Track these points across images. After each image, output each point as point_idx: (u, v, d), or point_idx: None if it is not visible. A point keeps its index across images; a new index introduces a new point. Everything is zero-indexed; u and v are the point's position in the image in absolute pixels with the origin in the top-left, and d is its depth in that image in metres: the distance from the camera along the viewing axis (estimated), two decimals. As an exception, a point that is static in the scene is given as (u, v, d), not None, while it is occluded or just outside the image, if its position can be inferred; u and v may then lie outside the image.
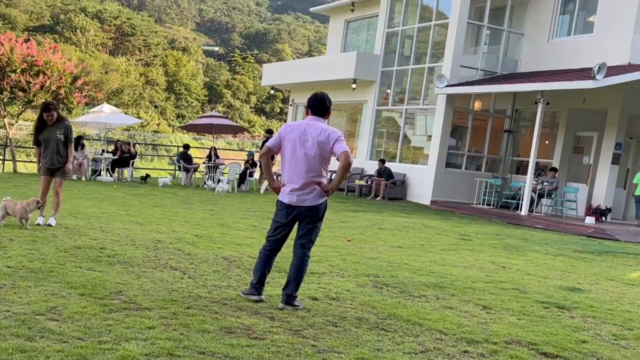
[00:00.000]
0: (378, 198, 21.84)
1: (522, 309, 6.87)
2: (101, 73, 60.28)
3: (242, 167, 22.33)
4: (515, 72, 22.02)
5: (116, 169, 22.83)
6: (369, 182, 22.80)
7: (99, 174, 21.78)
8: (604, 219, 18.54)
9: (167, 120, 69.69)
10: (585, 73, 17.03)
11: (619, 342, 5.90)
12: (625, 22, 18.82)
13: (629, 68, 17.67)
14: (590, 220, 17.81)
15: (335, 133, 6.09)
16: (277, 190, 6.28)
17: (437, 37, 22.74)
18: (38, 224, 9.71)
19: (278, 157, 10.64)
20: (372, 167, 23.65)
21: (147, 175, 23.03)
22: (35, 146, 10.31)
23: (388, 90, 24.82)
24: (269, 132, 23.42)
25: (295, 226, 6.28)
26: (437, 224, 15.75)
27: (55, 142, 9.89)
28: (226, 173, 22.17)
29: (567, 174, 20.86)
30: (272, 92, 34.94)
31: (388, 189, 21.91)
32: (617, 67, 17.76)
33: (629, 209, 19.91)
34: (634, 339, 6.02)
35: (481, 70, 21.98)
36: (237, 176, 21.66)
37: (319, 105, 6.31)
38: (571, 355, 5.31)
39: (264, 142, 22.14)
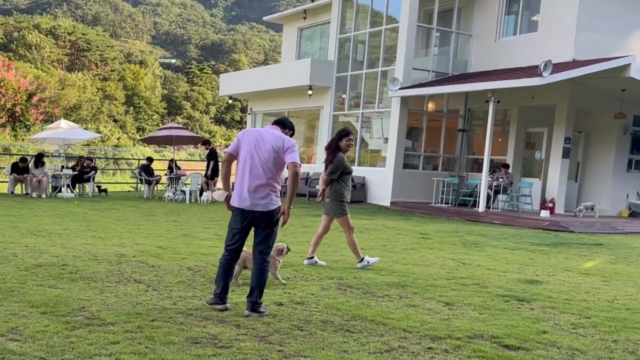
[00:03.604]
0: (339, 201, 21.81)
1: (483, 304, 6.92)
2: (58, 89, 59.26)
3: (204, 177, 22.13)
4: (465, 73, 22.28)
5: (77, 185, 22.43)
6: (329, 186, 22.75)
7: (60, 191, 21.35)
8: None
9: (127, 133, 68.79)
10: (532, 71, 17.30)
11: (577, 330, 5.97)
12: (567, 20, 19.20)
13: (574, 64, 18.01)
14: (545, 213, 18.09)
15: (290, 142, 6.09)
16: (228, 200, 6.24)
17: (388, 41, 22.89)
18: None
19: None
20: (332, 172, 23.61)
21: (105, 190, 22.91)
22: None
23: (343, 95, 24.88)
24: (207, 143, 23.20)
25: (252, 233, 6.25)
26: (397, 224, 15.82)
27: None
28: (188, 184, 21.95)
29: (521, 169, 21.17)
30: (230, 101, 34.77)
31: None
32: (562, 64, 18.09)
33: (581, 201, 20.25)
34: (592, 327, 6.10)
35: (433, 71, 22.18)
36: (199, 186, 21.47)
37: (280, 120, 6.42)
38: (532, 346, 5.35)
39: (208, 155, 21.95)
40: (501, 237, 13.82)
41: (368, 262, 8.98)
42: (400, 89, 20.71)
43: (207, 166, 21.53)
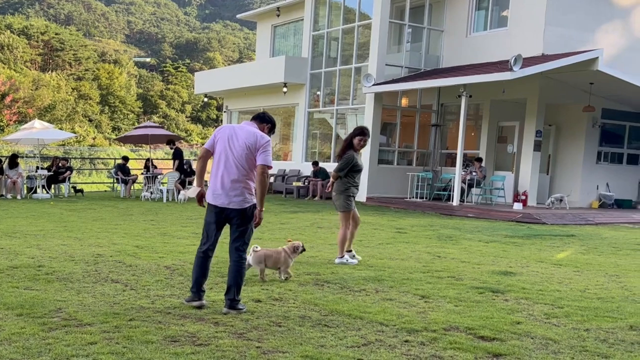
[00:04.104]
0: (316, 198, 21.87)
1: (459, 296, 6.96)
2: (31, 89, 58.51)
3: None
4: (438, 68, 22.40)
5: (52, 185, 22.17)
6: (305, 184, 22.80)
7: (35, 192, 21.08)
8: None
9: (103, 133, 68.16)
10: (503, 65, 17.44)
11: (550, 320, 6.04)
12: (536, 15, 19.38)
13: (543, 59, 18.19)
14: (518, 206, 18.25)
15: (263, 139, 6.00)
16: (200, 197, 6.22)
17: (361, 38, 22.93)
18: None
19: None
20: (308, 169, 23.66)
21: (81, 190, 22.71)
22: None
23: (318, 92, 24.89)
24: (171, 142, 23.07)
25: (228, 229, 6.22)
26: (373, 219, 15.85)
27: None
28: (165, 183, 21.80)
29: (494, 163, 21.34)
30: (206, 100, 34.53)
31: (325, 189, 21.96)
32: (532, 58, 18.26)
33: (553, 193, 20.46)
34: (564, 317, 6.17)
35: (406, 67, 22.27)
36: (177, 185, 21.31)
37: (258, 114, 6.34)
38: (507, 336, 5.40)
39: (173, 154, 21.87)
40: (475, 230, 13.92)
41: (347, 261, 9.00)
42: (373, 85, 20.75)
43: (173, 165, 21.53)
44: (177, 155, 21.68)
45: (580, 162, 20.79)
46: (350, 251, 9.23)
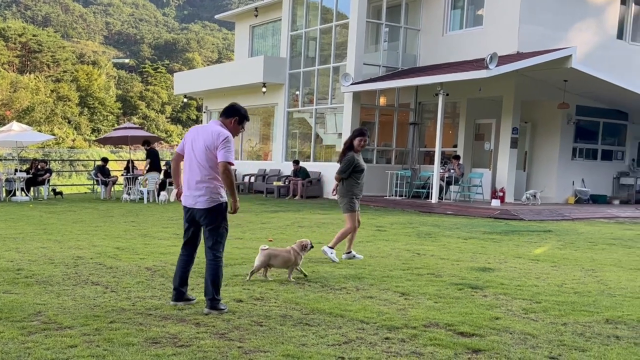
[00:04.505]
0: (296, 197, 21.85)
1: (438, 292, 6.98)
2: (9, 92, 57.79)
3: (162, 177, 21.84)
4: (415, 67, 22.47)
5: (31, 188, 21.92)
6: (286, 183, 22.77)
7: (14, 194, 20.83)
8: None
9: (82, 135, 67.54)
10: (479, 63, 17.52)
11: (529, 315, 6.07)
12: (510, 14, 19.50)
13: (518, 56, 18.30)
14: (495, 202, 18.36)
15: (222, 136, 5.93)
16: (179, 197, 6.27)
17: (339, 38, 22.93)
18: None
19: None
20: (288, 168, 23.62)
21: (60, 192, 22.49)
22: None
23: (297, 92, 24.86)
24: (146, 143, 22.96)
25: None
26: (353, 217, 15.84)
27: None
28: (144, 184, 21.63)
29: (472, 160, 21.45)
30: (185, 100, 34.34)
31: (305, 188, 21.95)
32: (507, 56, 18.37)
33: (530, 189, 20.62)
34: (542, 312, 6.21)
35: (383, 66, 22.31)
36: (157, 186, 21.19)
37: (224, 110, 6.23)
38: (486, 332, 5.42)
39: (146, 155, 21.79)
40: (454, 227, 13.98)
41: (330, 254, 9.04)
42: (352, 84, 20.77)
43: (145, 166, 21.53)
44: (150, 155, 21.52)
45: (555, 158, 20.97)
46: (350, 252, 9.30)
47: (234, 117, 6.16)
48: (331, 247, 9.12)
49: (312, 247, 7.83)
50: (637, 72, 21.74)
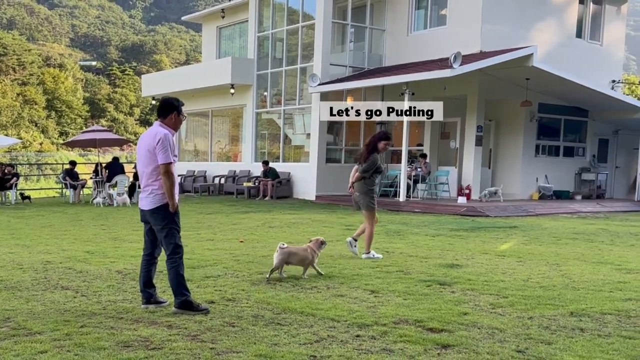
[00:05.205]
0: (266, 198, 21.78)
1: (407, 289, 7.02)
2: (-25, 96, 56.64)
3: (131, 179, 21.59)
4: (381, 67, 22.56)
5: (-1, 193, 21.53)
6: (256, 184, 22.69)
7: (-19, 199, 20.45)
8: None
9: (50, 138, 66.47)
10: (443, 63, 17.67)
11: (496, 310, 6.14)
12: (473, 13, 19.70)
13: (481, 56, 18.51)
14: (462, 200, 18.53)
15: (157, 137, 5.91)
16: None
17: (306, 38, 22.93)
18: None
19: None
20: (258, 169, 23.54)
21: (28, 197, 22.13)
22: None
23: (265, 93, 24.78)
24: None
25: None
26: (323, 217, 15.89)
27: None
28: (114, 187, 21.37)
29: (438, 158, 21.61)
30: (154, 102, 33.93)
31: (275, 189, 21.90)
32: (470, 55, 18.56)
33: (495, 186, 20.84)
34: (509, 306, 6.29)
35: (350, 67, 22.36)
36: (127, 189, 20.96)
37: (159, 108, 6.18)
38: (455, 327, 5.46)
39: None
40: (422, 225, 14.07)
41: (373, 256, 9.34)
42: (319, 84, 20.78)
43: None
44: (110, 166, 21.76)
45: (519, 155, 21.25)
46: (355, 240, 9.64)
47: (172, 112, 6.10)
48: (367, 253, 9.39)
49: (325, 244, 8.04)
50: (595, 70, 22.15)
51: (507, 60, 17.65)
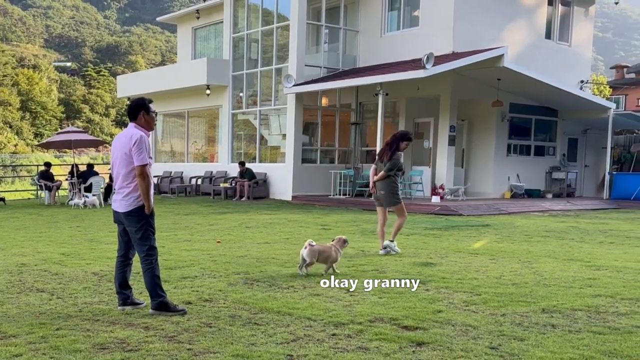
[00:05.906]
0: (243, 199, 21.71)
1: (382, 288, 7.03)
2: (-53, 97, 55.65)
3: (107, 180, 21.36)
4: (355, 68, 22.61)
5: (-28, 195, 21.19)
6: (233, 184, 22.60)
7: (-46, 202, 20.09)
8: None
9: (25, 140, 65.55)
10: (416, 63, 17.76)
11: (469, 307, 6.18)
12: (445, 14, 19.83)
13: (454, 56, 18.64)
14: (436, 199, 18.63)
15: (132, 139, 5.89)
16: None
17: (280, 39, 22.89)
18: None
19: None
20: (234, 170, 23.46)
21: (2, 199, 21.77)
22: None
23: (241, 94, 24.70)
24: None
25: None
26: (299, 217, 15.87)
27: None
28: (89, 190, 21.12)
29: (412, 158, 21.71)
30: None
31: (251, 189, 21.84)
32: (443, 56, 18.68)
33: (464, 184, 21.00)
34: (482, 303, 6.34)
35: (324, 67, 22.37)
36: (103, 190, 20.74)
37: (128, 111, 6.18)
38: (429, 325, 5.49)
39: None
40: (397, 223, 14.10)
41: (394, 247, 9.70)
42: (294, 85, 20.77)
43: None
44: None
45: (492, 155, 21.44)
46: (386, 247, 9.71)
47: (139, 112, 6.06)
48: (391, 240, 9.75)
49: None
50: (564, 70, 22.43)
51: (479, 60, 17.81)
